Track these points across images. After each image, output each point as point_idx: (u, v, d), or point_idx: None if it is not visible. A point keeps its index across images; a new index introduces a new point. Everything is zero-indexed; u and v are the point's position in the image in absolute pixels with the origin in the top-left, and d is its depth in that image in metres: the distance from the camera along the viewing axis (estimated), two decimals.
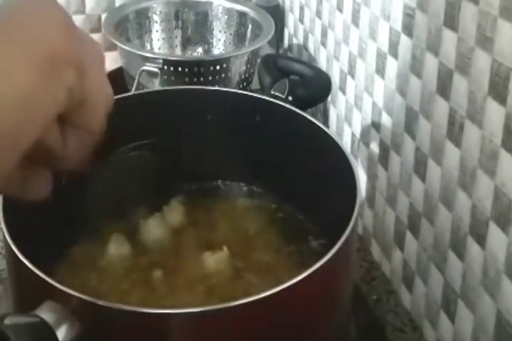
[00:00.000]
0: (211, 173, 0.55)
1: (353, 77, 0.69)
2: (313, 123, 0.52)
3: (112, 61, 0.89)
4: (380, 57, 0.62)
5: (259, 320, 0.39)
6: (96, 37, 0.88)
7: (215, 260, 0.49)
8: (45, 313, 0.37)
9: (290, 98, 0.60)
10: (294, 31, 0.89)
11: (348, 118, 0.71)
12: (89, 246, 0.51)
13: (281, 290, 0.38)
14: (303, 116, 0.53)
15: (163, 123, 0.54)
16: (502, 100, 0.44)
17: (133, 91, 0.68)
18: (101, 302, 0.37)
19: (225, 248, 0.49)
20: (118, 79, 0.77)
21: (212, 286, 0.48)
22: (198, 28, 0.84)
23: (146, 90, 0.69)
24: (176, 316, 0.37)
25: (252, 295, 0.37)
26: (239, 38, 0.81)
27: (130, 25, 0.80)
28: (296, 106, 0.54)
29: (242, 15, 0.81)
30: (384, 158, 0.63)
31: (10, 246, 0.40)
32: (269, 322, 0.39)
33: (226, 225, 0.54)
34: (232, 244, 0.52)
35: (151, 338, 0.38)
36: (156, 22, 0.82)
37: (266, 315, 0.39)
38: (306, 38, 0.83)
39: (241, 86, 0.74)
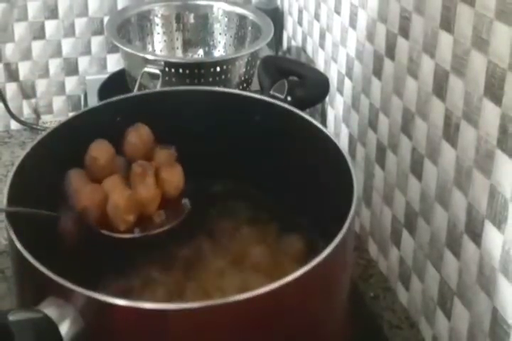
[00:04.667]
0: (210, 173, 0.55)
1: (350, 78, 0.70)
2: (312, 123, 0.52)
3: (114, 63, 0.90)
4: (377, 59, 0.62)
5: (257, 316, 0.39)
6: (98, 39, 0.89)
7: None
8: (48, 309, 0.37)
9: (289, 98, 0.60)
10: (292, 34, 0.89)
11: (345, 119, 0.72)
12: None
13: (278, 287, 0.38)
14: (301, 116, 0.53)
15: (164, 124, 0.54)
16: (497, 101, 0.44)
17: (135, 93, 0.68)
18: (103, 298, 0.37)
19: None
20: (120, 80, 0.78)
21: None
22: (199, 31, 0.84)
23: (147, 91, 0.69)
24: (175, 312, 0.38)
25: (249, 292, 0.38)
26: (239, 40, 0.82)
27: (132, 28, 0.81)
28: (295, 107, 0.54)
29: (241, 18, 0.81)
30: (381, 157, 0.63)
31: (14, 243, 0.41)
32: (266, 319, 0.39)
33: (224, 223, 0.55)
34: (229, 242, 0.52)
35: (152, 333, 0.38)
36: (158, 24, 0.83)
37: (263, 311, 0.39)
38: (304, 40, 0.84)
39: (241, 87, 0.75)
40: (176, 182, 0.51)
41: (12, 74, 0.86)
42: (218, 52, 0.84)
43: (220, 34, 0.84)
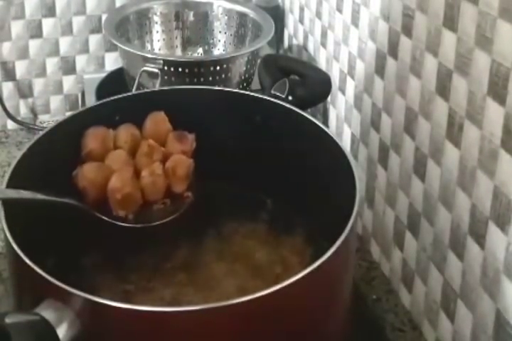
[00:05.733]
0: (210, 172, 0.55)
1: (352, 77, 0.69)
2: (313, 122, 0.52)
3: (112, 61, 0.89)
4: (380, 58, 0.62)
5: (258, 318, 0.39)
6: (96, 38, 0.88)
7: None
8: (46, 311, 0.37)
9: (290, 98, 0.60)
10: (293, 32, 0.89)
11: (347, 119, 0.71)
12: None
13: (280, 289, 0.38)
14: (303, 115, 0.53)
15: None
16: (501, 100, 0.44)
17: (133, 92, 0.68)
18: (101, 301, 0.37)
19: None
20: (119, 79, 0.77)
21: None
22: (198, 29, 0.84)
23: (146, 90, 0.69)
24: (174, 314, 0.38)
25: (251, 293, 0.37)
26: (239, 39, 0.82)
27: (130, 26, 0.80)
28: (296, 106, 0.54)
29: (242, 16, 0.81)
30: (383, 158, 0.63)
31: (11, 244, 0.40)
32: (267, 321, 0.39)
33: (224, 223, 0.54)
34: (229, 243, 0.52)
35: (150, 336, 0.38)
36: (157, 23, 0.82)
37: (264, 313, 0.39)
38: (305, 38, 0.84)
39: (241, 86, 0.75)
40: (183, 174, 0.50)
41: (9, 74, 0.86)
42: (218, 51, 0.84)
43: (220, 32, 0.83)
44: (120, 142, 0.50)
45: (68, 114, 0.56)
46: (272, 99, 0.55)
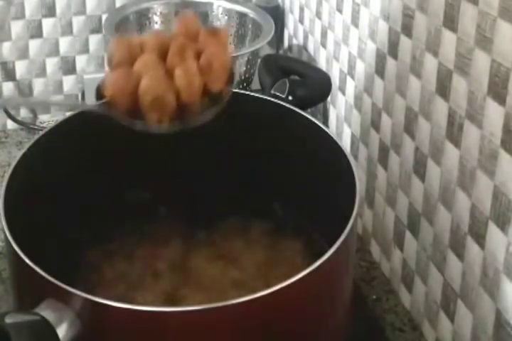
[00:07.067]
0: (210, 173, 0.55)
1: (352, 77, 0.69)
2: (314, 123, 0.52)
3: None
4: (380, 58, 0.62)
5: (258, 318, 0.39)
6: (96, 37, 0.88)
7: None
8: (46, 311, 0.37)
9: (290, 98, 0.60)
10: (293, 32, 0.89)
11: (347, 119, 0.71)
12: None
13: (279, 289, 0.38)
14: (303, 115, 0.53)
15: None
16: (501, 100, 0.44)
17: None
18: (101, 301, 0.37)
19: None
20: None
21: None
22: None
23: None
24: (174, 314, 0.38)
25: (251, 294, 0.37)
26: (239, 39, 0.82)
27: (130, 26, 0.80)
28: (296, 106, 0.54)
29: (242, 15, 0.81)
30: (383, 158, 0.63)
31: (11, 244, 0.40)
32: (267, 321, 0.39)
33: (223, 223, 0.54)
34: (227, 243, 0.52)
35: (150, 336, 0.38)
36: (157, 23, 0.82)
37: (264, 313, 0.39)
38: (305, 38, 0.84)
39: (241, 86, 0.75)
40: (220, 68, 0.43)
41: (9, 74, 0.86)
42: None
43: None
44: (148, 48, 0.44)
45: (68, 114, 0.56)
46: (272, 99, 0.55)
